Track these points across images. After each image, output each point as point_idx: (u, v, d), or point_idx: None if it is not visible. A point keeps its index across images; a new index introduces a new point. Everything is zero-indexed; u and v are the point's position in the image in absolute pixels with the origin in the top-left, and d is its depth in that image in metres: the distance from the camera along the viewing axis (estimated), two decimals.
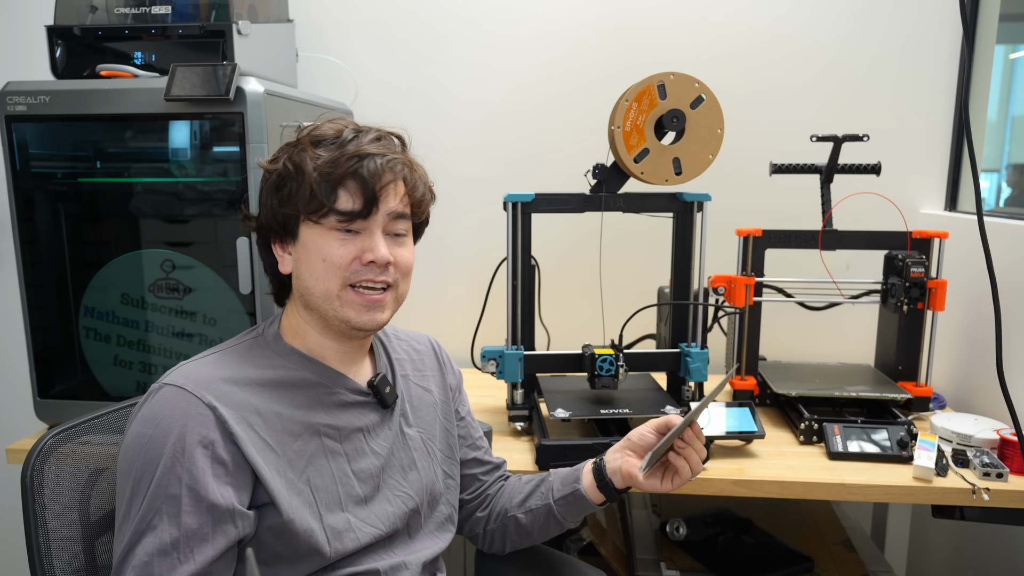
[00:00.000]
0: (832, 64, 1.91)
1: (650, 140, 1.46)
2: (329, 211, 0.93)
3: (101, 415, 1.03)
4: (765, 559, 1.59)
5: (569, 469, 1.16)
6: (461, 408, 1.21)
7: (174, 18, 1.49)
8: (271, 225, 0.98)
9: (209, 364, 0.94)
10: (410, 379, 1.13)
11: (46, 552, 0.93)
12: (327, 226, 0.94)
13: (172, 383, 0.89)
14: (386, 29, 1.98)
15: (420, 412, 1.11)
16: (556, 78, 1.97)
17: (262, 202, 0.99)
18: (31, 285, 1.48)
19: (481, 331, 1.82)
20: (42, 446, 0.95)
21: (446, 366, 1.20)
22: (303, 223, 0.95)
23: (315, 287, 0.95)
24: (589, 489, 1.10)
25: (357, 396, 1.02)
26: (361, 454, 0.99)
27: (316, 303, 0.96)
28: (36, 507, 0.93)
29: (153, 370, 1.50)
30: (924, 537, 1.95)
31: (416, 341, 1.19)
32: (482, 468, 1.21)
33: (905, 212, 1.75)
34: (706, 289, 1.56)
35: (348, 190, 0.93)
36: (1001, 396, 1.10)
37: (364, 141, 0.95)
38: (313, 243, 0.94)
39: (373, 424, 1.02)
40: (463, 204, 2.01)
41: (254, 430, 0.90)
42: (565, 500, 1.12)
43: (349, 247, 0.94)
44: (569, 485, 1.12)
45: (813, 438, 1.46)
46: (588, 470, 1.12)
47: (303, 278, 0.96)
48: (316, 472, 0.94)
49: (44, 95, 1.39)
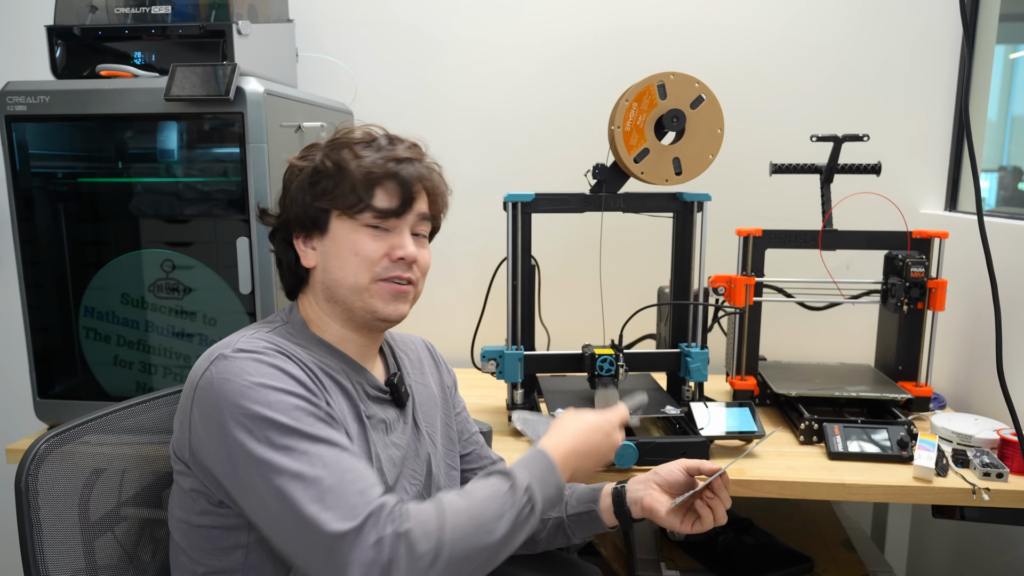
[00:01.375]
0: (832, 64, 1.91)
1: (650, 140, 1.46)
2: (366, 207, 0.97)
3: (96, 417, 1.03)
4: (765, 559, 1.59)
5: (586, 487, 1.17)
6: (457, 405, 1.24)
7: (174, 18, 1.49)
8: (300, 219, 1.00)
9: (257, 338, 0.94)
10: (412, 377, 1.15)
11: (41, 557, 0.91)
12: (361, 222, 0.98)
13: (240, 349, 0.90)
14: (386, 29, 1.98)
15: (424, 407, 1.14)
16: (556, 78, 1.97)
17: (292, 197, 1.01)
18: (31, 285, 1.48)
19: (481, 331, 1.82)
20: (35, 451, 0.94)
21: (441, 366, 1.24)
22: (336, 218, 0.99)
23: (345, 280, 0.98)
24: (605, 512, 1.12)
25: (377, 391, 1.05)
26: (385, 445, 1.02)
27: (344, 295, 0.99)
28: (31, 512, 0.92)
29: (153, 370, 1.50)
30: (924, 537, 1.95)
31: (412, 343, 1.23)
32: (480, 463, 1.23)
33: (905, 212, 1.75)
34: (706, 289, 1.56)
35: (386, 190, 0.98)
36: (1001, 396, 1.10)
37: (401, 148, 1.01)
38: (345, 237, 0.98)
39: (392, 419, 1.06)
40: (463, 204, 1.99)
41: (326, 390, 0.94)
42: (579, 518, 1.14)
43: (380, 243, 0.98)
44: (586, 504, 1.14)
45: (813, 438, 1.46)
46: (607, 492, 1.14)
47: (332, 271, 0.99)
48: (360, 451, 0.96)
49: (44, 95, 1.39)
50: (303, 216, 1.00)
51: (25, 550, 0.91)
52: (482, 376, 1.66)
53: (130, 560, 1.06)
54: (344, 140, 1.01)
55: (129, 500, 1.07)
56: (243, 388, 0.85)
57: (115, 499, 1.05)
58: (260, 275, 1.40)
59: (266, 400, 0.85)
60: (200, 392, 0.89)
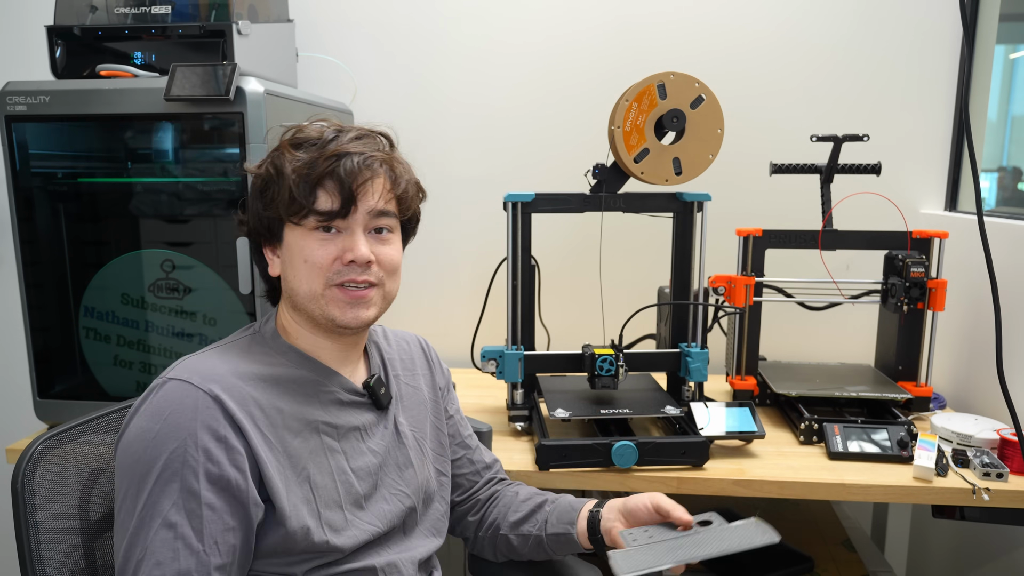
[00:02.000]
0: (832, 64, 1.91)
1: (650, 140, 1.46)
2: (308, 212, 0.93)
3: (94, 418, 1.03)
4: (765, 559, 1.59)
5: (567, 504, 1.14)
6: (450, 407, 1.21)
7: (174, 18, 1.49)
8: (258, 229, 0.99)
9: (211, 358, 0.94)
10: (401, 379, 1.13)
11: (38, 558, 0.91)
12: (308, 227, 0.94)
13: (176, 377, 0.89)
14: (386, 29, 1.98)
15: (412, 411, 1.11)
16: (556, 78, 1.97)
17: (249, 207, 0.99)
18: (31, 285, 1.48)
19: (481, 331, 1.82)
20: (31, 453, 0.94)
21: (435, 365, 1.20)
22: (286, 226, 0.96)
23: (299, 288, 0.95)
24: (581, 536, 1.09)
25: (352, 396, 1.02)
26: (359, 453, 1.00)
27: (302, 303, 0.96)
28: (27, 513, 0.91)
29: (153, 370, 1.50)
30: (924, 537, 1.95)
31: (405, 341, 1.19)
32: (471, 467, 1.21)
33: (905, 212, 1.75)
34: (706, 289, 1.56)
35: (326, 190, 0.93)
36: (1001, 396, 1.10)
37: (344, 140, 0.95)
38: (295, 245, 0.95)
39: (369, 424, 1.03)
40: (463, 204, 2.01)
41: (256, 425, 0.90)
42: (557, 538, 1.11)
43: (330, 247, 0.94)
44: (563, 525, 1.11)
45: (813, 438, 1.46)
46: (584, 516, 1.10)
47: (289, 280, 0.97)
48: (316, 469, 0.94)
49: (44, 95, 1.39)
50: (259, 226, 0.98)
51: (22, 550, 0.91)
52: (482, 376, 1.66)
53: None
54: (283, 142, 0.96)
55: None
56: (144, 437, 0.87)
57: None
58: (259, 275, 1.40)
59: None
60: (134, 409, 0.90)
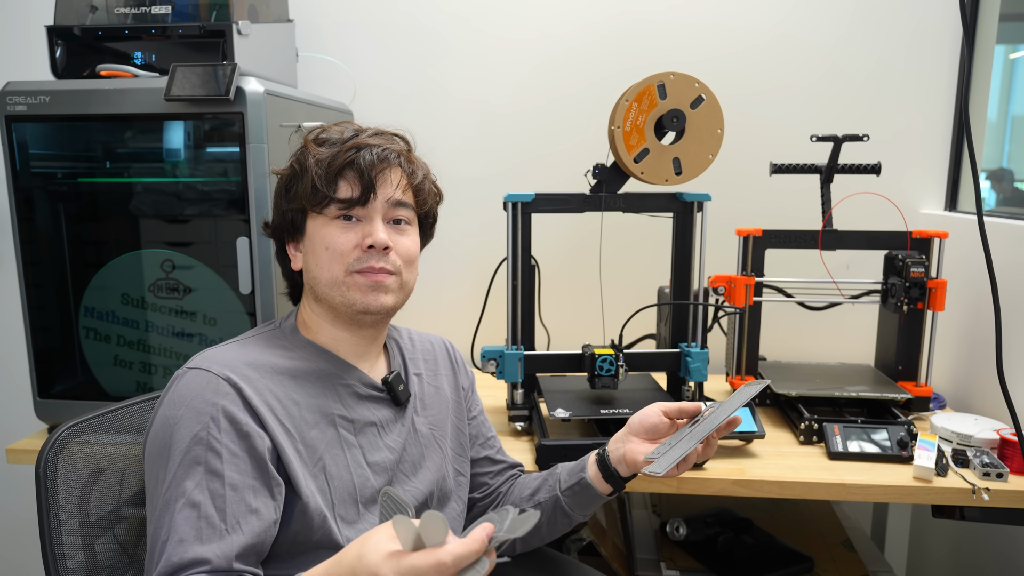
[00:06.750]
0: (832, 64, 1.91)
1: (650, 140, 1.46)
2: (330, 201, 0.98)
3: (96, 417, 1.03)
4: (765, 559, 1.59)
5: (574, 462, 1.16)
6: (473, 408, 1.23)
7: (174, 18, 1.49)
8: (283, 225, 1.04)
9: (231, 350, 0.98)
10: (423, 378, 1.15)
11: (58, 543, 0.94)
12: (329, 215, 0.99)
13: (196, 366, 0.93)
14: (386, 29, 1.98)
15: (432, 410, 1.13)
16: (556, 78, 1.97)
17: (275, 206, 1.05)
18: (31, 285, 1.48)
19: (481, 331, 1.82)
20: (57, 437, 0.98)
21: (459, 367, 1.22)
22: (309, 217, 1.01)
23: (321, 276, 0.99)
24: (595, 479, 1.10)
25: (370, 390, 1.04)
26: (375, 448, 1.01)
27: (324, 291, 1.00)
28: (49, 497, 0.95)
29: (153, 370, 1.50)
30: (924, 537, 1.95)
31: (430, 342, 1.22)
32: (494, 467, 1.22)
33: (905, 212, 1.75)
34: (706, 289, 1.56)
35: (347, 179, 0.98)
36: (1001, 396, 1.10)
37: (363, 136, 1.01)
38: (317, 234, 0.99)
39: (387, 420, 1.05)
40: (463, 204, 2.01)
41: (273, 412, 0.93)
42: (572, 490, 1.11)
43: (350, 234, 0.98)
44: (575, 475, 1.12)
45: (813, 438, 1.46)
46: (592, 461, 1.12)
47: (311, 269, 1.01)
48: (332, 461, 0.96)
49: (44, 95, 1.39)
50: (284, 222, 1.03)
51: (44, 536, 0.94)
52: (482, 376, 1.66)
53: (130, 560, 1.06)
54: (307, 140, 1.02)
55: (129, 500, 1.07)
56: (167, 423, 0.90)
57: (115, 499, 1.05)
58: (260, 275, 1.40)
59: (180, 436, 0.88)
60: (159, 401, 0.94)
